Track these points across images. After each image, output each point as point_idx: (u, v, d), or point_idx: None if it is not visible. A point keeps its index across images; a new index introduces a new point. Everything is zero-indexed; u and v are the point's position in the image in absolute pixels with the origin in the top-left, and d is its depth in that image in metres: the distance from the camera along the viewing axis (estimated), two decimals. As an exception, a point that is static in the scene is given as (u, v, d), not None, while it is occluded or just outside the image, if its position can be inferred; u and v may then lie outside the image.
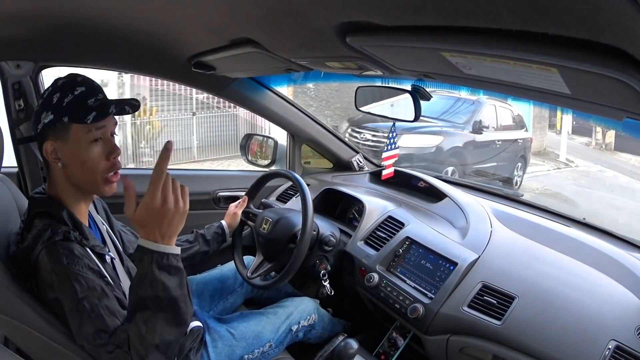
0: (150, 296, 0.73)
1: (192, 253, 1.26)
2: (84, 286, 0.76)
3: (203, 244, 1.28)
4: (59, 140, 0.83)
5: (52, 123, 0.82)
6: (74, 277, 0.76)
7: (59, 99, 0.82)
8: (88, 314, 0.75)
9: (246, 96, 1.59)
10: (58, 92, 0.83)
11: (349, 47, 0.71)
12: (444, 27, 0.51)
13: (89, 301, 0.75)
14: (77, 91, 0.83)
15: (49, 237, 0.78)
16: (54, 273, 0.77)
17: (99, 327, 0.75)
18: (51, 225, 0.80)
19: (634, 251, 1.11)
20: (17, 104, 1.32)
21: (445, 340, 1.01)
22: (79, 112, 0.82)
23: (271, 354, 1.15)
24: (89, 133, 0.84)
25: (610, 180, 7.25)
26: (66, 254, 0.77)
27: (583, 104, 0.63)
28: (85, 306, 0.75)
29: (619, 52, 0.41)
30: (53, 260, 0.77)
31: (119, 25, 0.97)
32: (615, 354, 0.84)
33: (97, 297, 0.76)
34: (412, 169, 1.70)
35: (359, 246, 1.31)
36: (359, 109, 1.41)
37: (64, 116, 0.82)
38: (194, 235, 1.29)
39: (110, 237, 1.00)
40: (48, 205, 0.85)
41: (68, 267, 0.76)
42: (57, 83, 0.85)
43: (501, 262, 1.09)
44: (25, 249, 0.81)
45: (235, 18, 0.80)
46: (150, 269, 0.73)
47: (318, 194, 1.55)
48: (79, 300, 0.75)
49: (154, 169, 0.75)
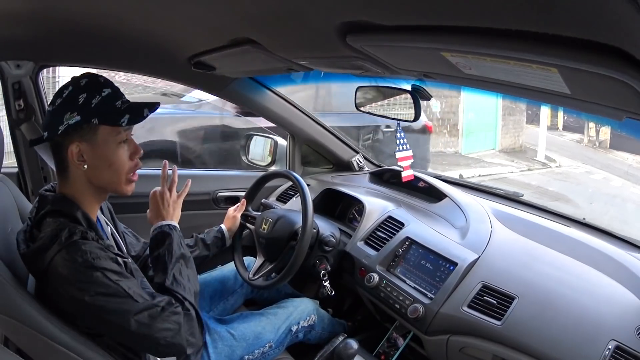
0: (178, 254, 0.94)
1: (192, 257, 1.26)
2: (114, 274, 0.79)
3: (203, 249, 1.27)
4: (84, 141, 0.83)
5: (78, 124, 0.81)
6: (101, 270, 0.78)
7: (86, 100, 0.81)
8: (128, 294, 0.79)
9: (246, 96, 1.59)
10: (84, 92, 0.81)
11: (349, 47, 0.71)
12: (444, 27, 0.51)
13: (124, 284, 0.79)
14: (105, 93, 0.83)
15: (67, 238, 0.78)
16: (79, 270, 0.76)
17: (145, 299, 0.81)
18: (67, 225, 0.80)
19: (634, 251, 1.11)
20: (17, 104, 1.32)
21: (445, 340, 1.01)
22: (112, 115, 0.82)
23: (271, 354, 1.15)
24: (119, 135, 0.85)
25: (597, 184, 6.07)
26: (89, 250, 0.78)
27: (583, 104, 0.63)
28: (124, 287, 0.78)
29: (619, 52, 0.41)
30: (76, 258, 0.77)
31: (119, 25, 0.97)
32: (615, 354, 0.84)
33: (128, 279, 0.81)
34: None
35: (359, 246, 1.31)
36: (359, 109, 1.41)
37: (93, 118, 0.81)
38: (194, 240, 1.28)
39: (114, 238, 1.01)
40: (62, 204, 0.84)
41: (94, 262, 0.77)
42: (79, 83, 0.83)
43: (501, 262, 1.09)
44: (38, 249, 0.79)
45: (236, 18, 0.80)
46: (173, 233, 0.98)
47: (318, 194, 1.55)
48: (116, 284, 0.78)
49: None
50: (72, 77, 0.85)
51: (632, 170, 6.68)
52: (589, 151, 8.39)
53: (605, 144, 8.82)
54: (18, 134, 1.36)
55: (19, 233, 0.87)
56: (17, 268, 0.84)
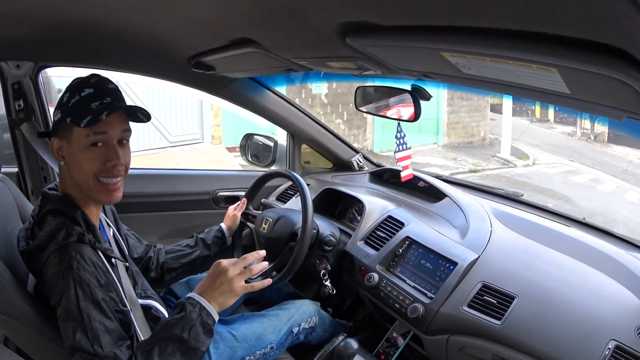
0: (179, 337, 0.80)
1: (194, 258, 1.26)
2: (87, 296, 0.76)
3: (204, 248, 1.27)
4: (63, 139, 0.85)
5: (59, 122, 0.84)
6: (79, 283, 0.76)
7: (68, 99, 0.84)
8: (85, 325, 0.74)
9: (246, 96, 1.59)
10: (69, 91, 0.84)
11: (349, 47, 0.71)
12: (444, 27, 0.51)
13: (88, 313, 0.75)
14: (85, 92, 0.83)
15: (63, 238, 0.78)
16: (60, 276, 0.76)
17: (93, 341, 0.74)
18: (65, 225, 0.80)
19: (634, 251, 1.11)
20: (17, 104, 1.32)
21: (445, 340, 1.01)
22: (79, 115, 0.82)
23: (272, 355, 1.15)
24: (87, 137, 0.83)
25: (578, 189, 4.58)
26: (77, 258, 0.77)
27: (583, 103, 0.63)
28: (84, 317, 0.74)
29: (619, 52, 0.41)
30: (62, 262, 0.76)
31: (118, 25, 0.97)
32: (615, 354, 0.84)
33: (98, 311, 0.76)
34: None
35: (359, 246, 1.31)
36: (359, 109, 1.41)
37: (67, 117, 0.83)
38: (194, 240, 1.28)
39: (116, 241, 1.01)
40: (62, 203, 0.85)
41: (77, 271, 0.76)
42: (72, 83, 0.86)
43: (501, 262, 1.09)
44: (36, 247, 0.80)
45: (235, 18, 0.80)
46: (197, 318, 0.83)
47: (318, 194, 1.55)
48: (80, 309, 0.75)
49: (247, 256, 0.94)
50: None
51: (632, 168, 5.34)
52: (582, 146, 7.05)
53: (602, 137, 7.65)
54: (18, 134, 1.36)
55: (21, 230, 0.88)
56: (17, 268, 0.84)
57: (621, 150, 6.58)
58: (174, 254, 1.24)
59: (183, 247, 1.26)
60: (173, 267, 1.23)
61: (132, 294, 0.91)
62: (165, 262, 1.22)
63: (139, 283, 0.99)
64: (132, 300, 0.90)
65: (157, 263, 1.20)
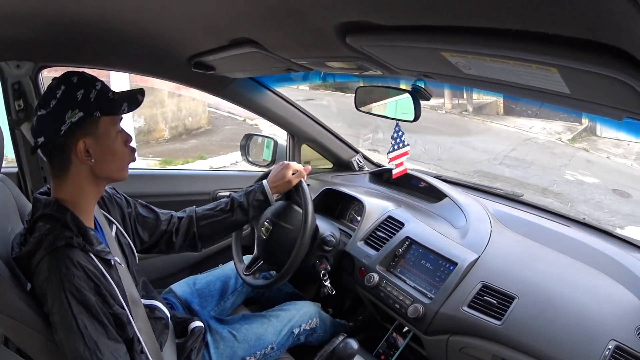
0: None
1: (228, 225, 1.18)
2: (78, 301, 0.76)
3: (241, 215, 1.17)
4: (89, 136, 0.83)
5: (82, 120, 0.81)
6: (68, 288, 0.75)
7: (84, 96, 0.82)
8: (82, 333, 0.75)
9: (246, 96, 1.59)
10: (80, 89, 0.82)
11: (349, 47, 0.71)
12: (444, 27, 0.51)
13: (82, 320, 0.75)
14: (98, 86, 0.84)
15: (50, 243, 0.77)
16: (50, 283, 0.76)
17: (89, 347, 0.75)
18: (54, 230, 0.79)
19: (634, 251, 1.11)
20: (17, 104, 1.32)
21: (445, 340, 1.01)
22: (111, 106, 0.84)
23: (272, 356, 1.15)
24: (115, 125, 0.87)
25: None
26: (66, 263, 0.76)
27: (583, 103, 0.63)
28: (80, 324, 0.75)
29: (619, 52, 0.41)
30: (51, 268, 0.76)
31: (118, 25, 0.97)
32: (615, 354, 0.84)
33: (90, 316, 0.77)
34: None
35: (358, 246, 1.31)
36: (359, 109, 1.41)
37: (95, 111, 0.82)
38: (229, 204, 1.17)
39: (119, 239, 0.98)
40: (53, 208, 0.83)
41: (66, 277, 0.75)
42: (71, 81, 0.83)
43: (501, 262, 1.09)
44: (27, 253, 0.80)
45: (235, 18, 0.80)
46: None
47: (318, 194, 1.55)
48: (74, 316, 0.75)
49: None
50: (54, 78, 0.84)
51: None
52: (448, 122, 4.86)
53: (493, 108, 5.45)
54: (18, 134, 1.36)
55: (16, 236, 0.87)
56: (17, 268, 0.84)
57: (518, 122, 5.37)
58: (206, 221, 1.16)
59: (216, 212, 1.17)
60: (207, 234, 1.16)
61: (134, 293, 0.90)
62: (195, 233, 1.15)
63: (139, 282, 0.98)
64: (134, 299, 0.89)
65: (185, 235, 1.14)
